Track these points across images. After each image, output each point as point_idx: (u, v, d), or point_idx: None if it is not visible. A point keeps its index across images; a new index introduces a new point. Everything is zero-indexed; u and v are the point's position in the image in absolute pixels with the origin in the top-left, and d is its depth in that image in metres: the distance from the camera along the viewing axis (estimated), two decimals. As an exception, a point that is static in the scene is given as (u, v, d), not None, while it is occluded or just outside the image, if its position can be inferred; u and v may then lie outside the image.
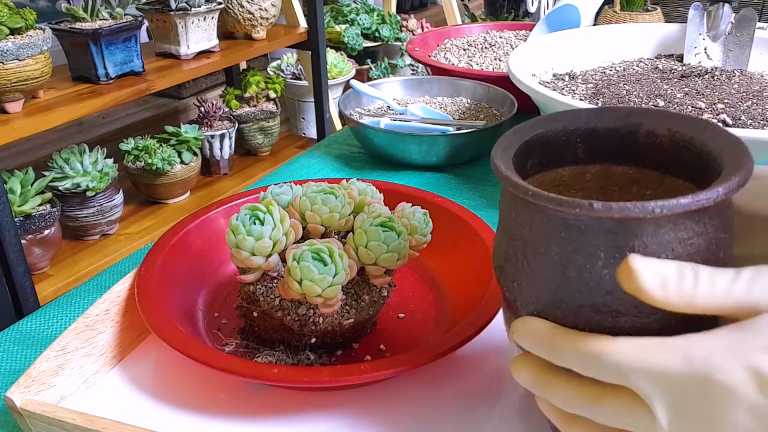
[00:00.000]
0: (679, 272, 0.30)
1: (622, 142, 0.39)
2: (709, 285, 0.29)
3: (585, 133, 0.40)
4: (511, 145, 0.38)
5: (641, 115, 0.39)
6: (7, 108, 1.27)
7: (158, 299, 0.49)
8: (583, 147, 0.40)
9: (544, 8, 1.64)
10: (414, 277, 0.58)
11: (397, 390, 0.47)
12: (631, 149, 0.40)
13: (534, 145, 0.39)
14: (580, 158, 0.41)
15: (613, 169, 0.41)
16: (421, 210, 0.51)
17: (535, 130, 0.39)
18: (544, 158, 0.40)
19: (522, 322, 0.34)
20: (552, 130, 0.40)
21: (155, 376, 0.49)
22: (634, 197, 0.41)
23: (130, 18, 1.50)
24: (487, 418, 0.45)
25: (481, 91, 0.94)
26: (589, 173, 0.41)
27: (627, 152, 0.40)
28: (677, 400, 0.29)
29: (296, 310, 0.46)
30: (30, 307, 1.25)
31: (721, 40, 0.91)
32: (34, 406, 0.42)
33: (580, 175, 0.41)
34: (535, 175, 0.41)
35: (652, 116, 0.39)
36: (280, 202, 0.50)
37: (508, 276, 0.36)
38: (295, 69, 2.38)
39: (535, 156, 0.40)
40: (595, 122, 0.40)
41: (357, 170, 0.84)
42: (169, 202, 1.76)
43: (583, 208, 0.30)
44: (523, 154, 0.38)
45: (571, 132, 0.40)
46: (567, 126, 0.40)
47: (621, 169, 0.41)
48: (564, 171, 0.41)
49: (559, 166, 0.41)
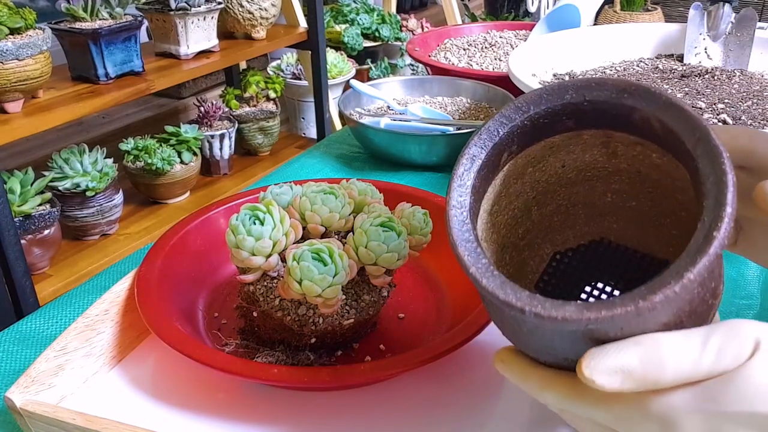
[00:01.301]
0: (640, 360, 0.28)
1: (615, 116, 0.35)
2: (675, 363, 0.28)
3: (572, 113, 0.36)
4: (484, 146, 0.36)
5: (636, 98, 0.34)
6: (6, 108, 1.27)
7: (158, 299, 0.49)
8: (572, 121, 0.37)
9: (544, 8, 1.64)
10: (414, 277, 0.58)
11: (397, 390, 0.47)
12: (627, 121, 0.36)
13: (515, 134, 0.37)
14: (572, 127, 0.38)
15: (612, 134, 0.38)
16: (421, 210, 0.51)
17: (510, 122, 0.37)
18: (531, 135, 0.38)
19: (502, 355, 0.35)
20: (530, 117, 0.37)
21: (155, 377, 0.49)
22: (639, 156, 0.39)
23: (129, 18, 1.50)
24: (487, 417, 0.45)
25: (481, 91, 0.94)
26: (583, 137, 0.38)
27: (623, 122, 0.36)
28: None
29: (296, 311, 0.46)
30: (30, 307, 1.25)
31: (721, 40, 0.91)
32: (34, 406, 0.42)
33: (575, 138, 0.39)
34: (516, 156, 0.39)
35: (649, 101, 0.34)
36: (280, 202, 0.50)
37: None
38: (295, 69, 2.38)
39: (513, 145, 0.38)
40: (580, 101, 0.35)
41: (357, 170, 0.84)
42: (169, 202, 1.75)
43: (530, 315, 0.29)
44: (503, 143, 0.37)
45: (556, 113, 0.36)
46: (548, 108, 0.36)
47: (620, 135, 0.37)
48: (556, 139, 0.39)
49: (550, 136, 0.38)
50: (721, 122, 0.69)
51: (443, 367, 0.48)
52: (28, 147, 1.74)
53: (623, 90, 0.34)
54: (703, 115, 0.70)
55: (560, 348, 0.31)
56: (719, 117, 0.69)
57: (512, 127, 0.37)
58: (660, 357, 0.28)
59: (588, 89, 0.35)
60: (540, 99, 0.36)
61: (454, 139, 0.80)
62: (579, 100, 0.35)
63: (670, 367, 0.28)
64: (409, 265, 0.57)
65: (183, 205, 1.75)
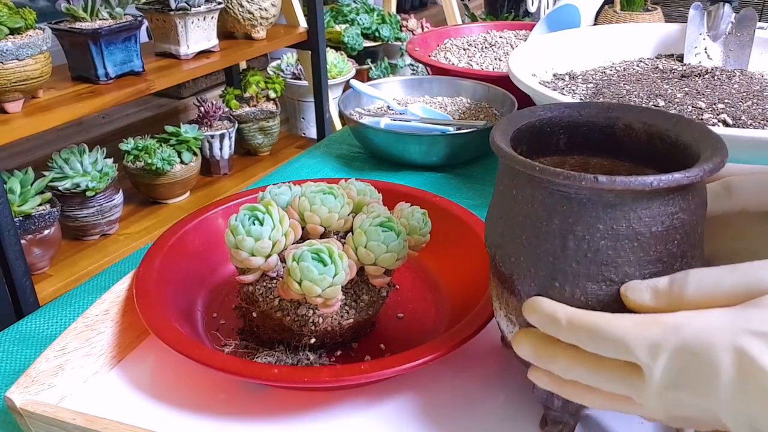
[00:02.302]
0: (668, 279, 0.34)
1: (600, 134, 0.43)
2: (697, 278, 0.33)
3: (567, 125, 0.44)
4: (506, 132, 0.40)
5: (619, 110, 0.43)
6: (6, 108, 1.27)
7: (157, 300, 0.49)
8: (564, 138, 0.44)
9: (544, 8, 1.64)
10: (413, 276, 0.58)
11: (397, 389, 0.47)
12: (608, 142, 0.43)
13: (523, 134, 0.42)
14: (562, 149, 0.45)
15: (590, 160, 0.45)
16: (419, 210, 0.51)
17: (525, 119, 0.43)
18: (531, 147, 0.43)
19: (531, 301, 0.37)
20: (539, 120, 0.43)
21: (155, 377, 0.49)
22: None
23: (129, 18, 1.50)
24: (486, 416, 0.45)
25: (481, 91, 0.94)
26: (568, 163, 0.45)
27: (604, 144, 0.44)
28: (670, 371, 0.31)
29: (296, 311, 0.46)
30: (30, 307, 1.25)
31: (721, 40, 0.91)
32: (34, 406, 0.42)
33: (561, 164, 0.45)
34: None
35: (628, 111, 0.42)
36: (279, 202, 0.50)
37: (506, 252, 0.39)
38: (295, 69, 2.38)
39: (524, 144, 0.42)
40: (576, 115, 0.43)
41: (357, 170, 0.84)
42: (168, 202, 1.75)
43: (589, 181, 0.33)
44: (513, 140, 0.41)
45: (555, 123, 0.43)
46: (552, 117, 0.43)
47: (597, 160, 0.44)
48: (546, 160, 0.45)
49: (542, 156, 0.44)
50: (722, 122, 0.69)
51: (443, 367, 0.49)
52: (28, 147, 1.74)
53: (608, 107, 0.43)
54: (704, 115, 0.70)
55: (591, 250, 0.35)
56: (719, 117, 0.69)
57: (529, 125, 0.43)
58: (684, 276, 0.33)
59: (581, 106, 0.43)
60: (547, 109, 0.44)
61: (454, 139, 0.80)
62: (575, 113, 0.43)
63: (692, 280, 0.33)
64: (408, 265, 0.57)
65: (183, 205, 1.75)
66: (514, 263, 0.38)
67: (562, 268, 0.36)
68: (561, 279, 0.36)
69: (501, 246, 0.39)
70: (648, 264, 0.35)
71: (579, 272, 0.36)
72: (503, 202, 0.39)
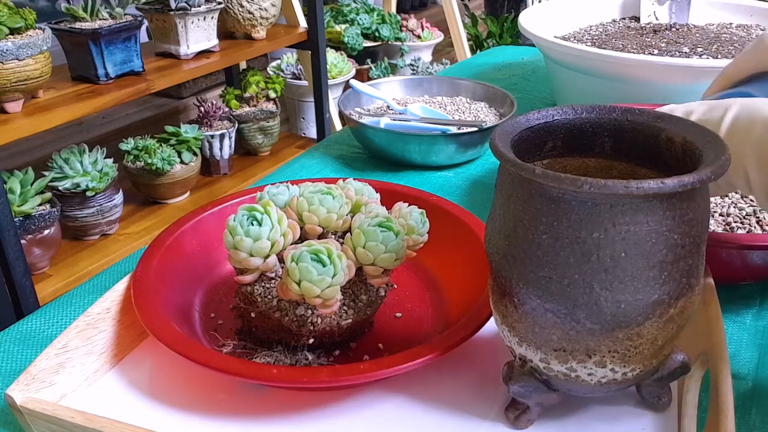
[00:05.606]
0: None
1: (645, 143, 0.42)
2: None
3: (612, 129, 0.43)
4: (510, 133, 0.40)
5: (665, 121, 0.41)
6: (6, 108, 1.27)
7: (154, 300, 0.49)
8: (610, 142, 0.43)
9: (544, 8, 1.65)
10: (411, 276, 0.59)
11: (396, 389, 0.47)
12: (653, 151, 0.42)
13: (556, 129, 0.42)
14: (607, 153, 0.44)
15: (638, 170, 0.43)
16: (418, 210, 0.51)
17: (556, 116, 0.42)
18: (567, 144, 0.43)
19: None
20: (579, 119, 0.42)
21: (155, 376, 0.49)
22: None
23: (129, 18, 1.50)
24: (485, 416, 0.45)
25: (481, 90, 0.94)
26: (615, 169, 0.44)
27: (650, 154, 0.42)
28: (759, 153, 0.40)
29: (294, 311, 0.46)
30: (30, 307, 1.25)
31: (666, 4, 1.09)
32: (34, 404, 0.42)
33: (607, 168, 0.44)
34: (557, 158, 0.44)
35: (672, 123, 0.41)
36: (277, 202, 0.50)
37: (506, 258, 0.38)
38: (295, 69, 2.38)
39: (557, 139, 0.43)
40: (623, 120, 0.42)
41: (357, 170, 0.84)
42: (169, 202, 1.76)
43: (586, 184, 0.33)
44: (539, 135, 0.42)
45: (598, 125, 0.43)
46: (593, 118, 0.42)
47: (645, 171, 0.43)
48: (590, 161, 0.44)
49: (584, 155, 0.44)
50: None
51: (441, 366, 0.49)
52: (28, 147, 1.74)
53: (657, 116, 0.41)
54: (691, 57, 0.87)
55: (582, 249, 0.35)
56: (702, 58, 0.86)
57: (563, 120, 0.43)
58: None
59: (630, 112, 0.42)
60: (593, 109, 0.43)
61: (454, 139, 0.80)
62: (622, 118, 0.42)
63: None
64: (406, 265, 0.57)
65: (183, 205, 1.75)
66: (514, 269, 0.38)
67: (557, 264, 0.36)
68: (564, 284, 0.36)
69: (500, 248, 0.39)
70: (653, 268, 0.35)
71: (583, 278, 0.35)
72: (503, 205, 0.39)
